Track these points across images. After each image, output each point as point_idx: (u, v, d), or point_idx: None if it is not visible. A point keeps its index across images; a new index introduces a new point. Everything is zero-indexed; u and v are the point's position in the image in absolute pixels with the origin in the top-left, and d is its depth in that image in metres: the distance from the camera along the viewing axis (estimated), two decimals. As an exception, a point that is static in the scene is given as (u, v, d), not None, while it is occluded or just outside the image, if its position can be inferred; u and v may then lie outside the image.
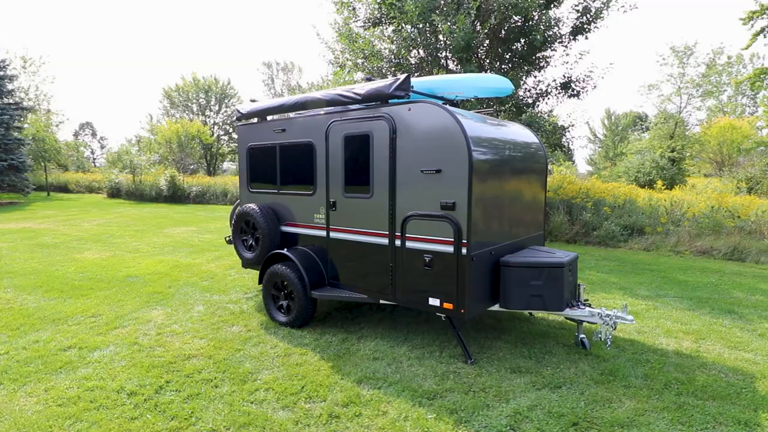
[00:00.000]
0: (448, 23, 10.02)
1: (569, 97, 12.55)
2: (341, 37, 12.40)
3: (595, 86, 12.11)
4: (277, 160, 5.32)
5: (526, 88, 12.60)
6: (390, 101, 4.29)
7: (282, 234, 5.33)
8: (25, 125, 24.75)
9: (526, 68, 12.34)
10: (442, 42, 11.32)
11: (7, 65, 19.92)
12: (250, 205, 5.45)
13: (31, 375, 3.75)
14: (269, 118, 5.54)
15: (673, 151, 25.50)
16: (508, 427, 3.01)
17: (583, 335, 4.36)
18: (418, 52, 12.10)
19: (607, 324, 4.05)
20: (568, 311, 4.20)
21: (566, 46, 11.85)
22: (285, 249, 5.03)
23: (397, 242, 4.22)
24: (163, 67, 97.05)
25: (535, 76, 12.77)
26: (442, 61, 11.90)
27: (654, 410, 3.23)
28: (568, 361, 4.06)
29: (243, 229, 5.59)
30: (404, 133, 4.11)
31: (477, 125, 4.17)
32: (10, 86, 20.25)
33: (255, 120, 5.65)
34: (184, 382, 3.64)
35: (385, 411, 3.23)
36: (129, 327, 4.90)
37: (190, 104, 40.35)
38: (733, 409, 3.24)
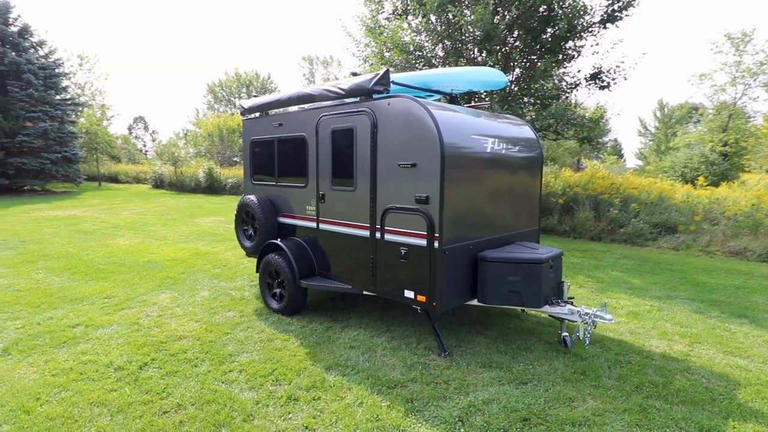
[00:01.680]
0: (466, 15, 9.87)
1: (599, 88, 12.06)
2: (367, 29, 12.48)
3: (626, 77, 11.57)
4: (275, 154, 5.51)
5: (552, 80, 12.20)
6: (374, 96, 4.35)
7: (279, 225, 5.53)
8: (81, 119, 26.55)
9: (554, 59, 11.93)
10: (469, 33, 11.13)
11: (62, 63, 21.45)
12: (249, 196, 5.69)
13: (37, 348, 4.14)
14: (272, 112, 5.74)
15: (725, 145, 23.85)
16: (457, 419, 3.05)
17: (565, 333, 4.28)
18: (444, 44, 11.99)
19: (586, 322, 3.96)
20: (547, 308, 4.13)
21: (596, 36, 11.38)
22: (279, 239, 5.22)
23: (377, 235, 4.30)
24: (211, 67, 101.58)
25: (565, 67, 12.36)
26: (468, 52, 11.73)
27: (615, 411, 3.16)
28: (544, 358, 4.01)
29: (244, 219, 5.84)
30: (384, 128, 4.17)
31: (454, 119, 4.16)
32: (64, 83, 21.80)
33: (257, 114, 5.87)
34: (168, 361, 3.90)
35: (344, 396, 3.34)
36: (135, 308, 5.27)
37: (232, 98, 41.79)
38: (701, 416, 3.11)
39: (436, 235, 3.83)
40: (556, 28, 10.55)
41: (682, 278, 7.02)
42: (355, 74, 4.55)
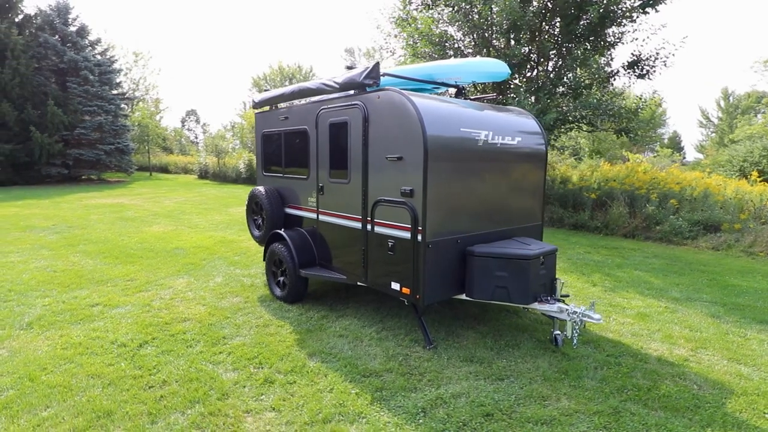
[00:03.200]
0: (491, 4, 9.62)
1: (638, 77, 11.43)
2: (397, 21, 12.44)
3: (666, 64, 10.89)
4: (282, 146, 5.68)
5: (589, 68, 11.66)
6: (368, 89, 4.39)
7: (286, 215, 5.71)
8: (137, 113, 28.21)
9: (591, 47, 11.39)
10: (503, 21, 10.83)
11: (116, 60, 22.88)
12: (258, 187, 5.90)
13: (56, 323, 4.54)
14: (281, 106, 5.92)
15: (792, 137, 21.87)
16: (420, 410, 3.08)
17: (558, 331, 4.17)
18: (473, 35, 11.75)
19: (574, 321, 3.85)
20: (536, 305, 4.06)
21: (635, 22, 10.76)
22: (283, 229, 5.41)
23: (368, 227, 4.37)
24: (259, 61, 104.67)
25: (604, 55, 11.78)
26: (498, 41, 11.44)
27: (586, 413, 3.08)
28: (530, 355, 3.95)
29: (253, 209, 6.07)
30: (374, 121, 4.21)
31: (441, 111, 4.12)
32: (118, 78, 23.24)
33: (267, 108, 6.06)
34: (166, 340, 4.17)
35: (317, 382, 3.45)
36: (151, 291, 5.63)
37: (276, 91, 42.81)
38: (678, 423, 2.97)
39: (420, 228, 3.84)
40: (590, 14, 10.07)
41: (710, 280, 6.60)
42: (350, 68, 4.60)
